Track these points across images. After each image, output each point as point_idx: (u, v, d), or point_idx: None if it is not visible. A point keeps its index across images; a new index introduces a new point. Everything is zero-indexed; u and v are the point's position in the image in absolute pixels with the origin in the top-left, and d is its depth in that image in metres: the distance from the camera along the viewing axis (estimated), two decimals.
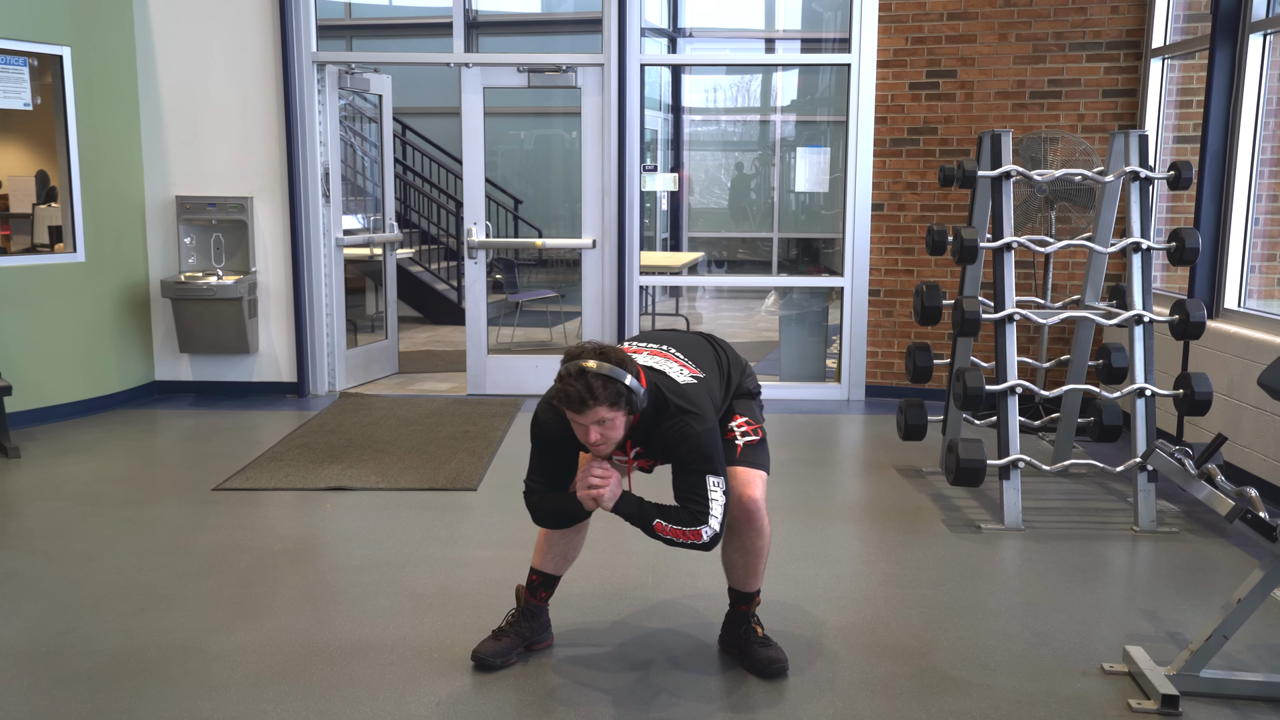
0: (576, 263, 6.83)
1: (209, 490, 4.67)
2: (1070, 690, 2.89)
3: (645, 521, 2.71)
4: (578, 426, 2.63)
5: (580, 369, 2.55)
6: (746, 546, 2.90)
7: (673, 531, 2.69)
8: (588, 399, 2.54)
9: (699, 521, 2.68)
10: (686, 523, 2.68)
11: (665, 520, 2.70)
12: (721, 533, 2.72)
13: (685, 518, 2.69)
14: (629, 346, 2.92)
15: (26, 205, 6.62)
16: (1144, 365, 4.37)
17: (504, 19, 12.58)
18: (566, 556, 3.03)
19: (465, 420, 5.98)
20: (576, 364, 2.56)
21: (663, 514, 2.71)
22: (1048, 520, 4.34)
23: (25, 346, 5.76)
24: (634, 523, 2.73)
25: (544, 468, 2.82)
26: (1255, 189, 5.04)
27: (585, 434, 2.63)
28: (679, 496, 2.72)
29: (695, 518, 2.68)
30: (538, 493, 2.83)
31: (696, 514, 2.68)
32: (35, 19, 5.66)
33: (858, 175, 6.43)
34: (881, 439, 5.66)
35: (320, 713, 2.74)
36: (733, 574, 2.99)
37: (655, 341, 2.99)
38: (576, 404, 2.55)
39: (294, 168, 6.38)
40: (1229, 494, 2.75)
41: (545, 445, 2.80)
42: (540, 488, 2.83)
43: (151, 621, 3.29)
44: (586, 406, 2.55)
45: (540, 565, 3.03)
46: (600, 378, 2.54)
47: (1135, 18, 6.07)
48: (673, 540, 2.70)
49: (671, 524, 2.69)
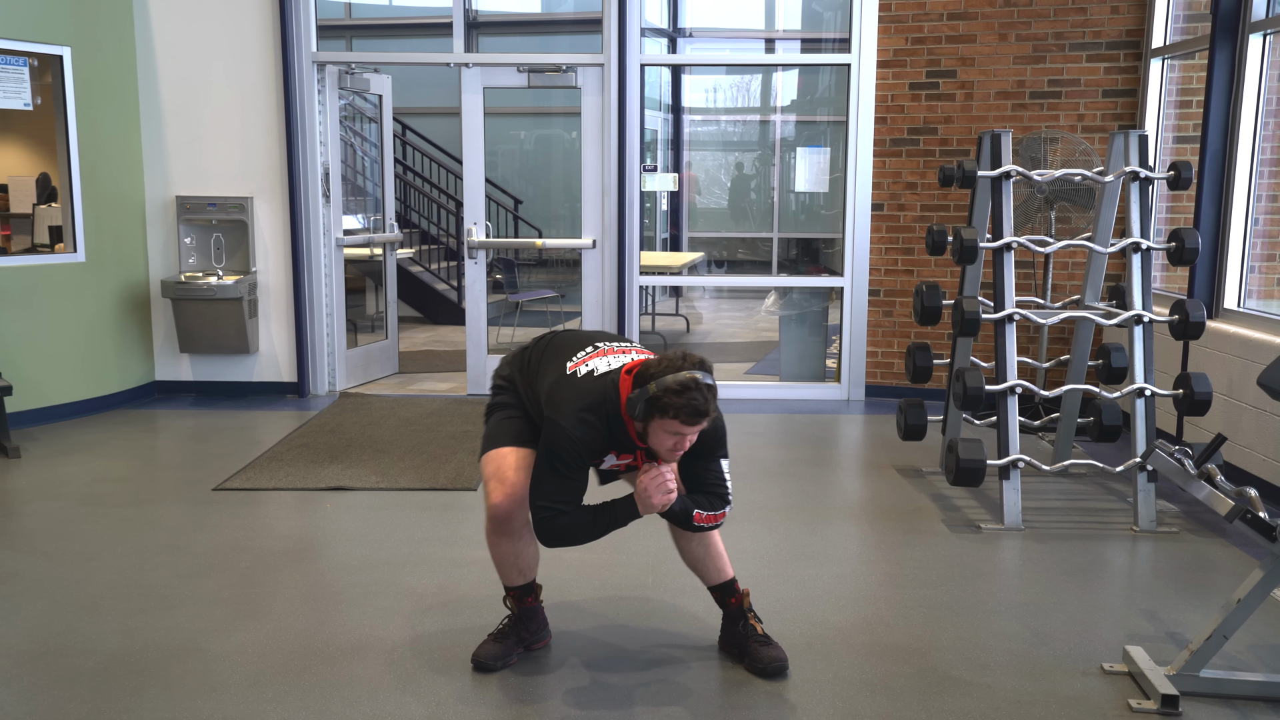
0: (576, 263, 6.83)
1: (209, 490, 4.67)
2: (1070, 690, 2.89)
3: (688, 515, 2.80)
4: (670, 437, 2.62)
5: (695, 381, 2.56)
6: (703, 535, 2.96)
7: (708, 518, 2.83)
8: (708, 409, 2.59)
9: (725, 503, 2.86)
10: (716, 507, 2.84)
11: (701, 509, 2.81)
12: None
13: (716, 503, 2.84)
14: (612, 348, 2.87)
15: (27, 205, 6.62)
16: (1144, 365, 4.38)
17: (504, 19, 12.59)
18: (524, 568, 2.98)
19: (465, 420, 5.98)
20: (689, 376, 2.57)
21: (698, 504, 2.82)
22: (1048, 520, 4.34)
23: (25, 346, 5.76)
24: (677, 520, 2.82)
25: (568, 488, 2.73)
26: (1255, 189, 5.04)
27: (679, 443, 2.64)
28: (704, 485, 2.84)
29: (722, 500, 2.85)
30: (567, 513, 2.73)
31: (722, 496, 2.85)
32: (35, 19, 5.66)
33: (858, 175, 6.43)
34: (881, 439, 5.67)
35: (320, 713, 2.75)
36: (704, 570, 3.01)
37: (616, 340, 2.95)
38: (700, 416, 2.58)
39: (294, 168, 6.38)
40: (1229, 494, 2.75)
41: (576, 465, 2.72)
42: (568, 508, 2.73)
43: (151, 621, 3.29)
44: (705, 417, 2.60)
45: (509, 583, 3.01)
46: (711, 388, 2.60)
47: (1135, 18, 6.07)
48: (704, 526, 2.84)
49: (706, 511, 2.82)
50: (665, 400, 2.56)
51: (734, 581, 3.04)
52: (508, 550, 2.94)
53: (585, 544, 2.81)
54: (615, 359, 2.79)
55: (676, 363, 2.61)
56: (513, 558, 2.96)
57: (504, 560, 2.96)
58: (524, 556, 2.97)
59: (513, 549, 2.93)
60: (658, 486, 2.70)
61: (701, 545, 2.98)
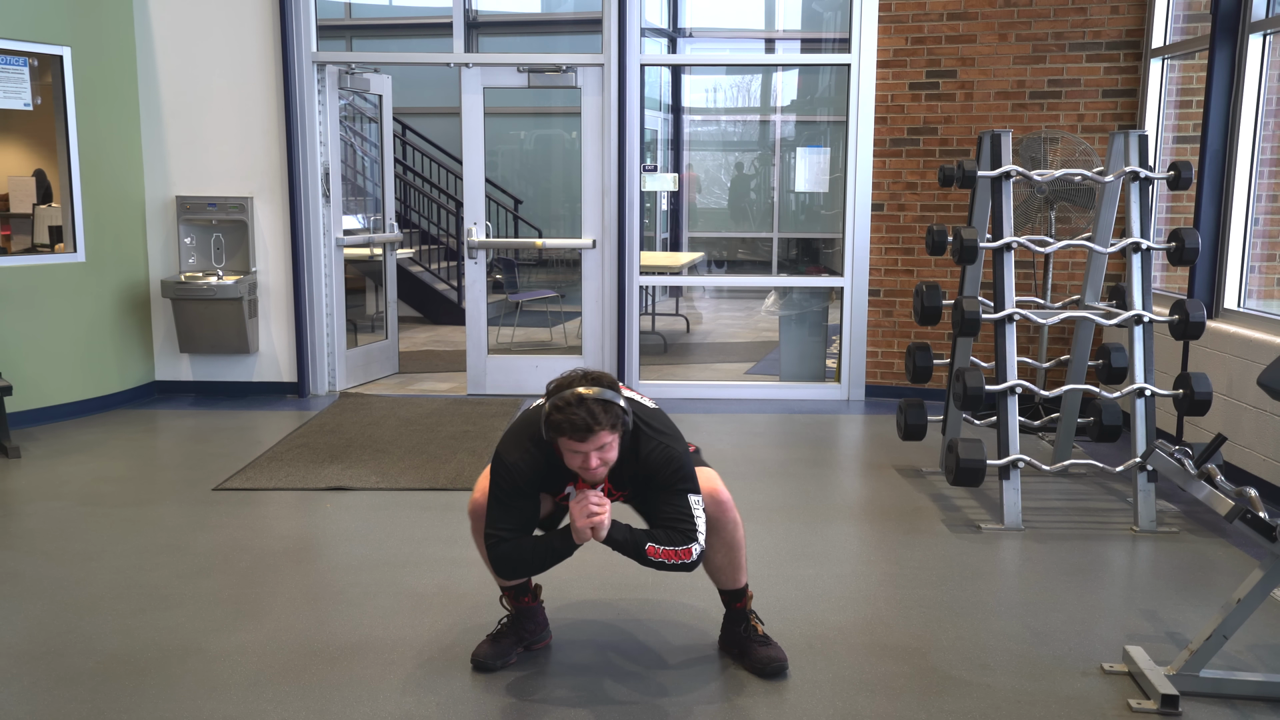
0: (576, 263, 6.83)
1: (209, 490, 4.67)
2: (1070, 690, 2.89)
3: (638, 547, 2.68)
4: (574, 455, 2.59)
5: (578, 396, 2.53)
6: (726, 541, 2.91)
7: (665, 554, 2.68)
8: (592, 424, 2.52)
9: (688, 540, 2.69)
10: (677, 542, 2.69)
11: (656, 544, 2.68)
12: (704, 549, 2.74)
13: (676, 538, 2.69)
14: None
15: (27, 205, 6.63)
16: (1144, 365, 4.38)
17: (504, 19, 12.59)
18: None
19: (465, 420, 5.98)
20: (572, 392, 2.54)
21: (652, 538, 2.69)
22: (1048, 520, 4.34)
23: (25, 346, 5.77)
24: (625, 551, 2.69)
25: (509, 515, 2.71)
26: (1255, 189, 5.04)
27: (585, 461, 2.59)
28: (664, 519, 2.72)
29: (685, 536, 2.70)
30: (509, 540, 2.70)
31: (686, 533, 2.70)
32: (35, 19, 5.67)
33: (858, 175, 6.43)
34: (881, 439, 5.67)
35: (320, 713, 2.75)
36: (720, 576, 2.98)
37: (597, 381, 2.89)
38: (582, 431, 2.53)
39: (294, 168, 6.38)
40: (1229, 494, 2.75)
41: (512, 491, 2.71)
42: (510, 535, 2.71)
43: (151, 621, 3.29)
44: (591, 433, 2.53)
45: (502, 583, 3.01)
46: (599, 402, 2.53)
47: (1135, 18, 6.07)
48: (664, 563, 2.69)
49: (663, 546, 2.68)
50: (552, 417, 2.55)
51: (745, 588, 3.03)
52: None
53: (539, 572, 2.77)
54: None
55: (570, 380, 2.58)
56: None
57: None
58: None
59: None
60: (581, 510, 2.62)
61: (725, 556, 2.92)
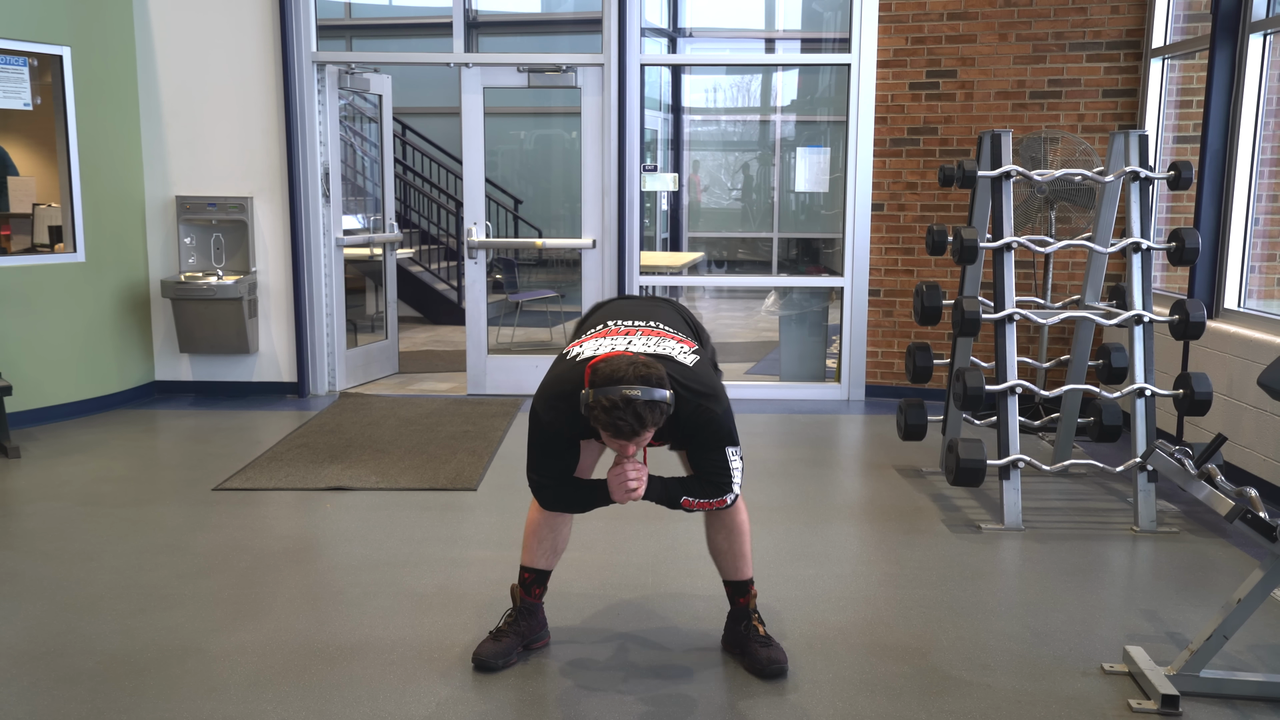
0: (576, 263, 6.83)
1: (209, 490, 4.67)
2: (1070, 690, 2.89)
3: (673, 501, 2.79)
4: (613, 442, 2.65)
5: (625, 399, 2.53)
6: (728, 525, 2.93)
7: (700, 504, 2.81)
8: (638, 429, 2.57)
9: (723, 491, 2.80)
10: (711, 494, 2.80)
11: (690, 495, 2.80)
12: (740, 491, 2.84)
13: (710, 490, 2.80)
14: (618, 328, 2.88)
15: (27, 205, 6.62)
16: (1144, 365, 4.37)
17: (504, 19, 12.58)
18: (556, 549, 3.02)
19: (465, 420, 5.98)
20: (620, 394, 2.53)
21: (686, 489, 2.80)
22: (1048, 520, 4.34)
23: (25, 346, 5.76)
24: (663, 503, 2.80)
25: (550, 465, 2.82)
26: (1255, 189, 5.04)
27: (623, 447, 2.66)
28: (701, 472, 2.80)
29: (719, 489, 2.80)
30: (550, 487, 2.84)
31: (720, 485, 2.80)
32: (35, 19, 5.66)
33: (858, 175, 6.43)
34: (881, 439, 5.67)
35: (320, 713, 2.75)
36: (723, 561, 3.00)
37: (639, 318, 2.95)
38: (629, 435, 2.58)
39: (294, 168, 6.38)
40: (1229, 494, 2.75)
41: (550, 441, 2.79)
42: (551, 483, 2.84)
43: (151, 621, 3.29)
44: (637, 434, 2.59)
45: (530, 562, 3.02)
46: (646, 404, 2.54)
47: (1135, 18, 6.07)
48: (694, 510, 2.82)
49: (698, 498, 2.80)
50: (595, 414, 2.57)
51: (749, 583, 3.03)
52: (546, 526, 2.96)
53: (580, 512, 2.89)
54: (607, 343, 2.79)
55: (619, 373, 2.56)
56: (550, 535, 2.97)
57: (539, 534, 2.97)
58: (560, 536, 3.00)
59: (551, 525, 2.96)
60: (619, 484, 2.72)
61: (725, 539, 2.95)
